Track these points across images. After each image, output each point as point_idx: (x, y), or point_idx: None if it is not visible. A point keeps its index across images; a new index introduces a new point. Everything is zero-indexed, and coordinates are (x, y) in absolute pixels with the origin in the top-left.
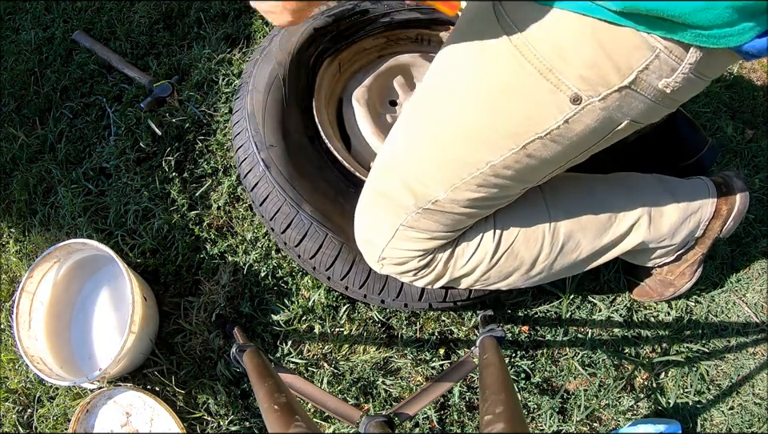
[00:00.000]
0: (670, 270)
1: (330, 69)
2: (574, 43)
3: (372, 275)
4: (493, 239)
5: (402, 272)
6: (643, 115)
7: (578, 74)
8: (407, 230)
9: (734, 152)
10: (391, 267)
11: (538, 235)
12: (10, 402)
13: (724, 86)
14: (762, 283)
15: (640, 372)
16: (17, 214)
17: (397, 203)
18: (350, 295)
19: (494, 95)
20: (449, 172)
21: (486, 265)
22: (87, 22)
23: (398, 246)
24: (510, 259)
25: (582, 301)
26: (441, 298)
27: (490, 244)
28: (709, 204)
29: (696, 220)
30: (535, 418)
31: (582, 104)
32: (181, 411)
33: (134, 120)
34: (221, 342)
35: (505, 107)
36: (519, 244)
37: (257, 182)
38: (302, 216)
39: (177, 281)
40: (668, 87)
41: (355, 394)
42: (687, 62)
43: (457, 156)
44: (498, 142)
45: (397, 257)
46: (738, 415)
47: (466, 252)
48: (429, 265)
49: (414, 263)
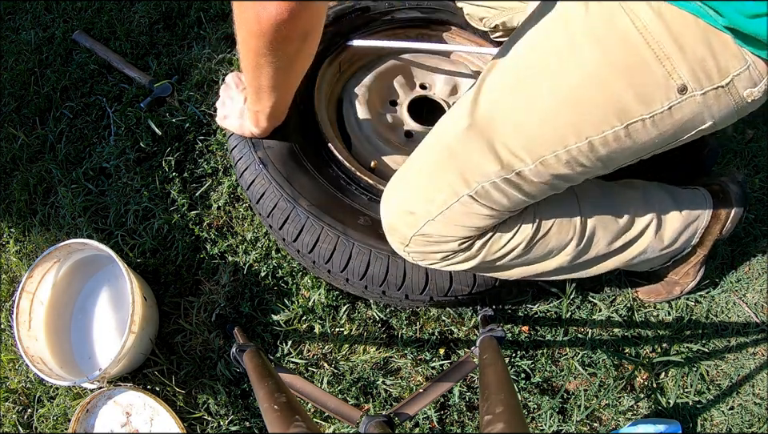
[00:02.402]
0: (675, 272)
1: (330, 69)
2: (690, 39)
3: (372, 267)
4: (532, 226)
5: (432, 252)
6: (723, 119)
7: (689, 67)
8: (471, 202)
9: (734, 152)
10: (422, 245)
11: (570, 227)
12: (10, 402)
13: None
14: (762, 283)
15: (640, 372)
16: (17, 214)
17: (474, 169)
18: (350, 290)
19: (610, 72)
20: (545, 144)
21: (519, 251)
22: (87, 22)
23: (451, 219)
24: (541, 248)
25: (582, 301)
26: (443, 292)
27: (529, 230)
28: (706, 213)
29: (694, 228)
30: (535, 418)
31: (686, 95)
32: (181, 411)
33: (134, 120)
34: (221, 342)
35: (618, 85)
36: (552, 234)
37: (253, 180)
38: (298, 211)
39: (177, 281)
40: (750, 97)
41: (355, 394)
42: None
43: (559, 128)
44: (605, 118)
45: (438, 234)
46: (737, 415)
47: (506, 236)
48: (468, 249)
49: (454, 245)
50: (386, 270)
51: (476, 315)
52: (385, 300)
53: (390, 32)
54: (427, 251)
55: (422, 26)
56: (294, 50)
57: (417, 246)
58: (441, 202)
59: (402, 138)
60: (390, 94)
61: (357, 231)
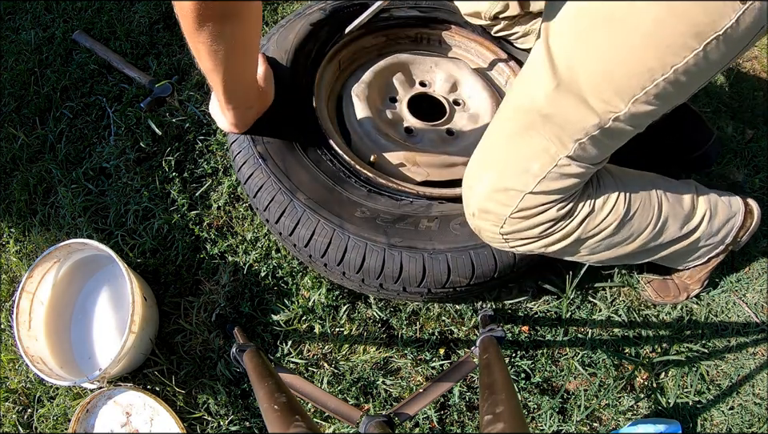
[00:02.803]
0: (691, 274)
1: (329, 67)
2: None
3: (368, 260)
4: (624, 204)
5: (530, 227)
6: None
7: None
8: (568, 164)
9: (734, 152)
10: (520, 221)
11: (650, 211)
12: (10, 402)
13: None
14: (762, 283)
15: (640, 372)
16: (17, 214)
17: (572, 127)
18: (348, 285)
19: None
20: (634, 82)
21: (611, 230)
22: (87, 22)
23: (548, 186)
24: (626, 230)
25: (582, 301)
26: (440, 284)
27: (622, 208)
28: (740, 212)
29: (732, 223)
30: (535, 418)
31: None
32: (181, 411)
33: (134, 120)
34: (221, 342)
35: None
36: (638, 215)
37: (251, 173)
38: (295, 204)
39: (177, 281)
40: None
41: (355, 394)
42: None
43: (645, 62)
44: (684, 44)
45: (536, 205)
46: (737, 415)
47: (602, 212)
48: (566, 217)
49: (553, 213)
50: (382, 262)
51: (476, 315)
52: (382, 294)
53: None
54: (524, 228)
55: (421, 25)
56: (217, 31)
57: (513, 225)
58: (538, 170)
59: (402, 134)
60: (389, 91)
61: (353, 223)
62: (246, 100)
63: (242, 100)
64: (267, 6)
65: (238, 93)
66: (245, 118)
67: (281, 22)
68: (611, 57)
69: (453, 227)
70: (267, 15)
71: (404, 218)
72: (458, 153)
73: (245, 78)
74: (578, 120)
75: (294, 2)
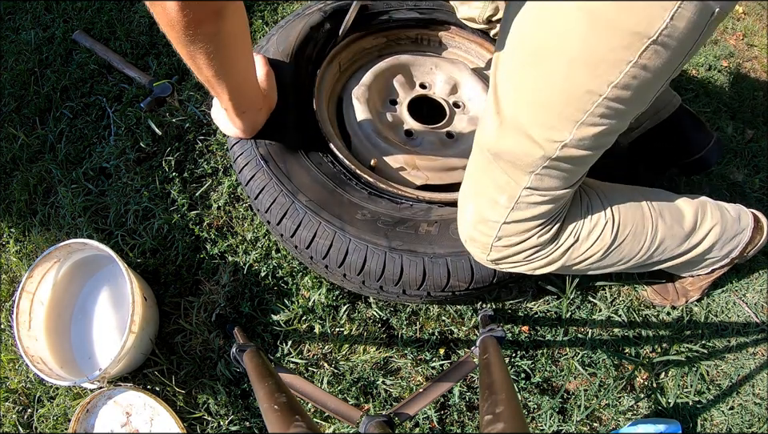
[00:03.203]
0: (693, 282)
1: (330, 68)
2: None
3: (369, 262)
4: (611, 234)
5: (516, 253)
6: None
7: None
8: (530, 194)
9: (734, 152)
10: (504, 249)
11: (643, 237)
12: (10, 402)
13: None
14: (762, 283)
15: (640, 372)
16: (17, 214)
17: (521, 161)
18: (348, 286)
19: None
20: (572, 107)
21: (597, 258)
22: (87, 22)
23: (519, 216)
24: (616, 256)
25: (582, 301)
26: (440, 287)
27: (608, 238)
28: (749, 228)
29: (739, 240)
30: (535, 418)
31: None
32: (181, 411)
33: (134, 120)
34: (221, 342)
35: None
36: (627, 242)
37: (253, 175)
38: (296, 206)
39: (177, 281)
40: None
41: (355, 394)
42: None
43: (578, 86)
44: (617, 57)
45: (515, 233)
46: (737, 415)
47: (587, 242)
48: (550, 243)
49: (534, 240)
50: (383, 265)
51: (476, 315)
52: (383, 296)
53: (390, 32)
54: (510, 254)
55: (421, 26)
56: (214, 30)
57: (498, 252)
58: (505, 203)
59: (402, 136)
60: (389, 93)
61: (354, 226)
62: (254, 102)
63: (250, 103)
64: (267, 6)
65: (246, 96)
66: (254, 123)
67: (280, 23)
68: (545, 88)
69: (452, 231)
70: (267, 15)
71: (404, 221)
72: (458, 156)
73: (249, 79)
74: (525, 154)
75: (294, 2)
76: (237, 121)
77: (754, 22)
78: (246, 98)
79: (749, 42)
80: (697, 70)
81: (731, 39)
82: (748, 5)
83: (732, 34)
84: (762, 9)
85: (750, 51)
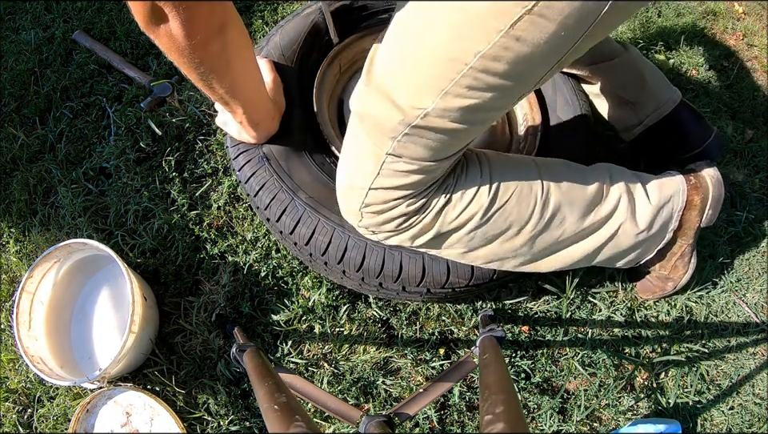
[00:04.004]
0: (662, 265)
1: (330, 69)
2: None
3: (368, 259)
4: (488, 193)
5: (385, 222)
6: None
7: None
8: (395, 161)
9: (734, 152)
10: (373, 216)
11: (531, 199)
12: (10, 402)
13: (724, 85)
14: (762, 283)
15: (640, 372)
16: (17, 214)
17: (382, 125)
18: (348, 284)
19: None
20: (436, 75)
21: (476, 221)
22: (87, 22)
23: (385, 183)
24: (501, 220)
25: (582, 301)
26: (440, 284)
27: (485, 198)
28: (680, 193)
29: (668, 211)
30: (535, 418)
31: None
32: (181, 411)
33: (134, 120)
34: (221, 342)
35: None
36: (512, 205)
37: (254, 172)
38: (296, 202)
39: (177, 281)
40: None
41: (355, 394)
42: None
43: (442, 54)
44: (485, 25)
45: (382, 201)
46: (738, 415)
47: (461, 203)
48: (419, 212)
49: (402, 208)
50: (381, 261)
51: (476, 315)
52: (382, 293)
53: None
54: (380, 222)
55: None
56: (220, 46)
57: (369, 218)
58: (371, 168)
59: None
60: None
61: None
62: (267, 113)
63: (264, 114)
64: (267, 6)
65: (259, 108)
66: (268, 131)
67: (280, 23)
68: (411, 50)
69: None
70: (267, 15)
71: None
72: None
73: (259, 90)
74: (386, 118)
75: (294, 2)
76: (251, 131)
77: (753, 22)
78: (258, 111)
79: (749, 42)
80: (697, 70)
81: (731, 39)
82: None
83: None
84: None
85: (750, 51)
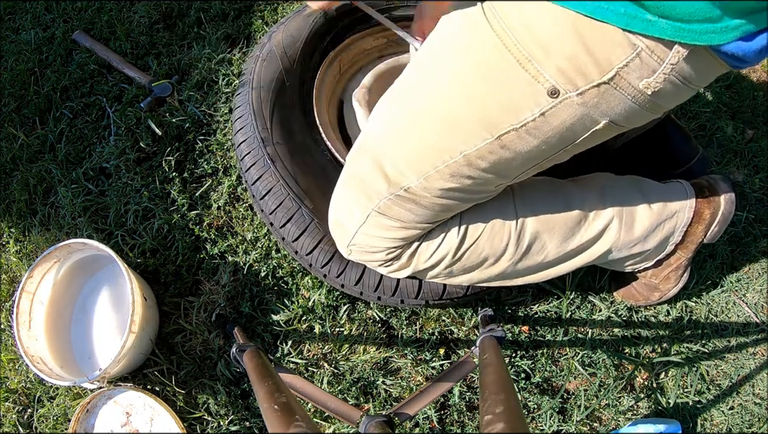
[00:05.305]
0: (654, 274)
1: (330, 70)
2: (555, 35)
3: (367, 273)
4: (457, 235)
5: (370, 260)
6: (624, 117)
7: (556, 66)
8: (379, 216)
9: (734, 152)
10: (360, 254)
11: (503, 234)
12: (10, 402)
13: (724, 86)
14: (762, 283)
15: (640, 372)
16: (17, 214)
17: (369, 187)
18: (347, 292)
19: (471, 83)
20: (422, 159)
21: (449, 260)
22: (87, 22)
23: (369, 232)
24: (474, 256)
25: (582, 301)
26: (438, 295)
27: (454, 240)
28: (686, 209)
29: (671, 226)
30: (535, 418)
31: (560, 97)
32: (181, 411)
33: (134, 120)
34: (221, 342)
35: (481, 96)
36: (483, 242)
37: (260, 176)
38: (303, 212)
39: (177, 281)
40: (648, 88)
41: (355, 394)
42: (669, 62)
43: (431, 143)
44: (473, 131)
45: (366, 245)
46: (737, 415)
47: (430, 247)
48: (396, 259)
49: (382, 255)
50: (379, 276)
51: (476, 315)
52: (383, 303)
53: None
54: (366, 259)
55: None
56: None
57: (356, 254)
58: (358, 217)
59: None
60: None
61: None
62: None
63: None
64: (267, 6)
65: None
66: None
67: (281, 21)
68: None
69: None
70: (267, 15)
71: None
72: None
73: None
74: (373, 182)
75: (294, 2)
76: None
77: None
78: None
79: None
80: None
81: None
82: None
83: None
84: None
85: None
